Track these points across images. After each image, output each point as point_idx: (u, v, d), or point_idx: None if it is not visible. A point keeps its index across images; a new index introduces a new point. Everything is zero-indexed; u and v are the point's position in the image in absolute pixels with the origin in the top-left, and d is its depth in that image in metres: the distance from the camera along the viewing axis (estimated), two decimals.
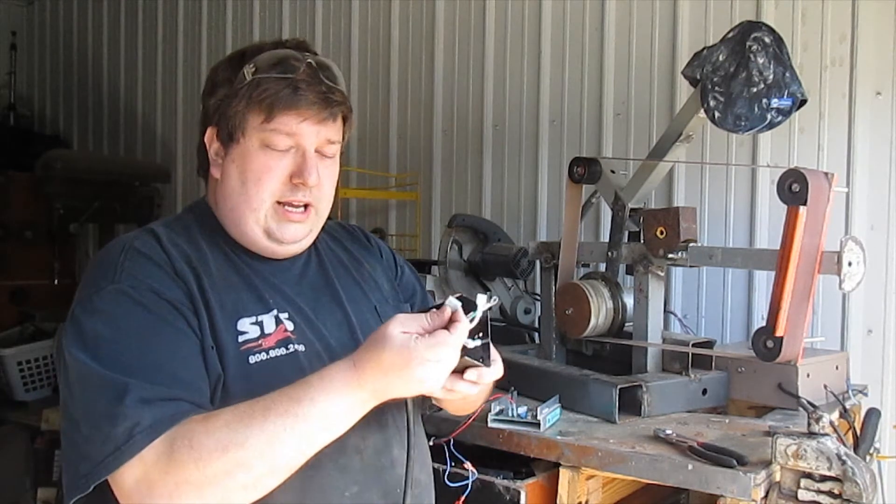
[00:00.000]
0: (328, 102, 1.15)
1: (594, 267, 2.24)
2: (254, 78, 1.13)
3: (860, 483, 1.29)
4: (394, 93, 3.44)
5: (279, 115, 1.13)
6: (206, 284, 1.13)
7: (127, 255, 1.11)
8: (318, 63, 1.16)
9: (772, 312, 1.52)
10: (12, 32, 5.22)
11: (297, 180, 1.16)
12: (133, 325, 1.05)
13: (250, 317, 1.14)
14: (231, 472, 0.94)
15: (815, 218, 1.51)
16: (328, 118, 1.17)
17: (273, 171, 1.16)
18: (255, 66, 1.14)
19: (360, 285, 1.33)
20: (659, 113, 2.68)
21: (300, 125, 1.15)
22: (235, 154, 1.17)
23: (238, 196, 1.18)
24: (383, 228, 3.42)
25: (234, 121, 1.15)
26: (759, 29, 1.62)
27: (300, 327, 1.18)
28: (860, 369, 2.22)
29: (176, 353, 1.05)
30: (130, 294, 1.06)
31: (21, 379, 3.26)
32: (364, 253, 1.40)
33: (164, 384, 1.01)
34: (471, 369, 1.06)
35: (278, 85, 1.13)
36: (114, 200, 4.16)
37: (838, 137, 2.34)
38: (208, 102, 1.20)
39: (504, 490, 1.55)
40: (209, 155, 1.21)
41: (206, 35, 4.26)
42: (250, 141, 1.15)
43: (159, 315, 1.07)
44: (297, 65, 1.14)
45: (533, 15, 3.00)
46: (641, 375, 1.79)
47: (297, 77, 1.13)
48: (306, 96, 1.13)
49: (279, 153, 1.16)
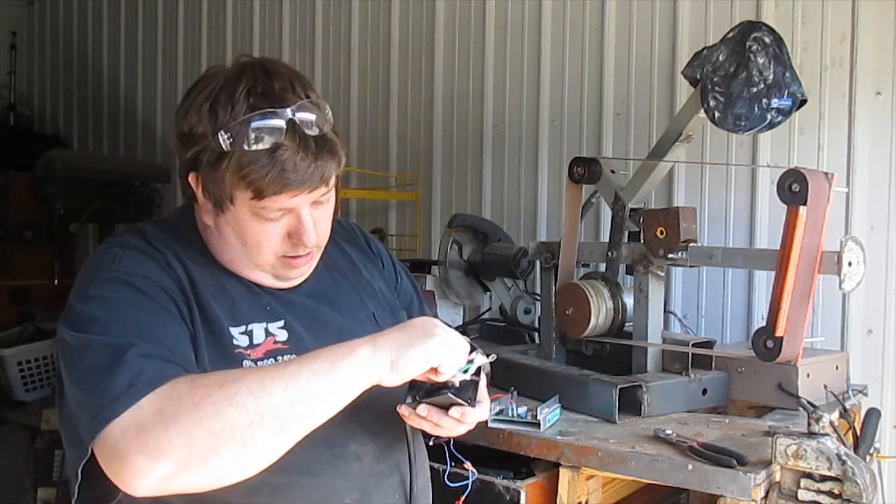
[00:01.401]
0: (319, 174, 1.07)
1: (594, 267, 2.24)
2: (233, 150, 1.04)
3: (860, 483, 1.29)
4: (394, 93, 3.44)
5: (269, 196, 1.06)
6: (199, 286, 1.12)
7: (124, 249, 1.11)
8: (301, 121, 1.05)
9: (772, 312, 1.52)
10: (12, 32, 5.22)
11: (296, 240, 1.13)
12: (128, 304, 1.03)
13: (239, 326, 1.13)
14: (222, 412, 0.89)
15: (815, 218, 1.51)
16: (320, 185, 1.10)
17: (271, 236, 1.12)
18: (230, 136, 1.04)
19: (357, 293, 1.31)
20: (659, 113, 2.68)
21: (291, 200, 1.08)
22: (229, 218, 1.11)
23: (239, 253, 1.15)
24: (383, 228, 3.42)
25: (219, 191, 1.08)
26: (759, 29, 1.62)
27: (295, 335, 1.17)
28: (860, 369, 2.22)
29: (170, 332, 1.04)
30: (125, 279, 1.06)
31: (21, 379, 3.25)
32: (364, 259, 1.38)
33: (166, 348, 1.00)
34: (455, 407, 1.08)
35: (263, 168, 1.03)
36: (114, 200, 4.16)
37: (838, 137, 2.34)
38: (183, 151, 1.11)
39: (504, 490, 1.55)
40: (196, 197, 1.14)
41: (206, 35, 4.26)
42: (240, 211, 1.09)
43: (153, 298, 1.05)
44: (280, 128, 1.04)
45: (533, 15, 3.00)
46: (641, 375, 1.79)
47: (282, 155, 1.03)
48: (296, 177, 1.05)
49: (273, 221, 1.11)
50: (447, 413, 1.09)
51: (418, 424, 1.14)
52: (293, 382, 0.93)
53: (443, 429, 1.12)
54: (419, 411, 1.10)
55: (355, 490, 1.15)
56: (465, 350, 1.06)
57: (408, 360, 0.99)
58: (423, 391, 1.10)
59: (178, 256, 1.13)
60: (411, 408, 1.11)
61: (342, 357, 0.97)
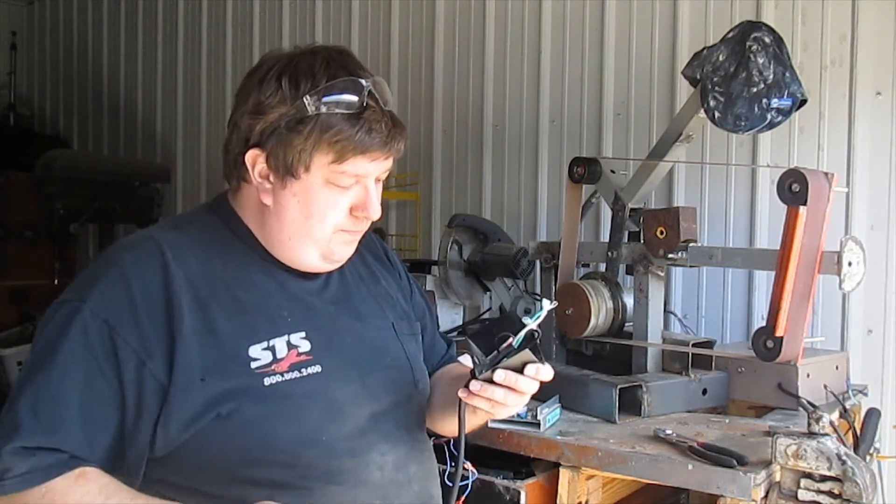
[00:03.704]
0: (395, 140, 1.13)
1: (594, 267, 2.24)
2: (319, 114, 1.08)
3: (860, 483, 1.29)
4: (394, 93, 3.42)
5: (351, 158, 1.10)
6: (213, 309, 1.10)
7: (112, 269, 1.09)
8: (377, 89, 1.12)
9: (772, 312, 1.52)
10: (12, 32, 5.22)
11: (362, 214, 1.15)
12: (67, 355, 1.04)
13: (261, 342, 1.12)
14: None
15: (815, 218, 1.51)
16: (394, 153, 1.15)
17: (338, 207, 1.14)
18: (317, 97, 1.08)
19: (377, 301, 1.32)
20: (659, 113, 2.68)
21: (369, 165, 1.12)
22: (296, 188, 1.12)
23: (299, 228, 1.15)
24: (383, 228, 3.42)
25: (296, 156, 1.09)
26: (759, 29, 1.62)
27: (318, 346, 1.16)
28: (860, 369, 2.22)
29: (88, 398, 1.05)
30: (85, 321, 1.05)
31: None
32: (382, 269, 1.39)
33: (55, 428, 1.02)
34: (530, 364, 1.07)
35: (350, 127, 1.08)
36: (114, 200, 4.16)
37: (838, 137, 2.34)
38: (254, 123, 1.11)
39: (504, 490, 1.55)
40: (252, 176, 1.14)
41: (206, 35, 4.26)
42: (314, 177, 1.11)
43: (96, 355, 1.05)
44: (362, 96, 1.10)
45: (533, 15, 2.99)
46: (641, 375, 1.79)
47: (366, 117, 1.09)
48: (378, 138, 1.10)
49: (343, 189, 1.13)
50: (523, 373, 1.07)
51: (487, 398, 1.10)
52: None
53: (518, 395, 1.10)
54: (497, 377, 1.07)
55: (376, 498, 1.16)
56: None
57: None
58: (487, 364, 1.07)
59: (190, 277, 1.11)
60: (486, 377, 1.07)
61: None
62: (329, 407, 1.12)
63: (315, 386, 1.13)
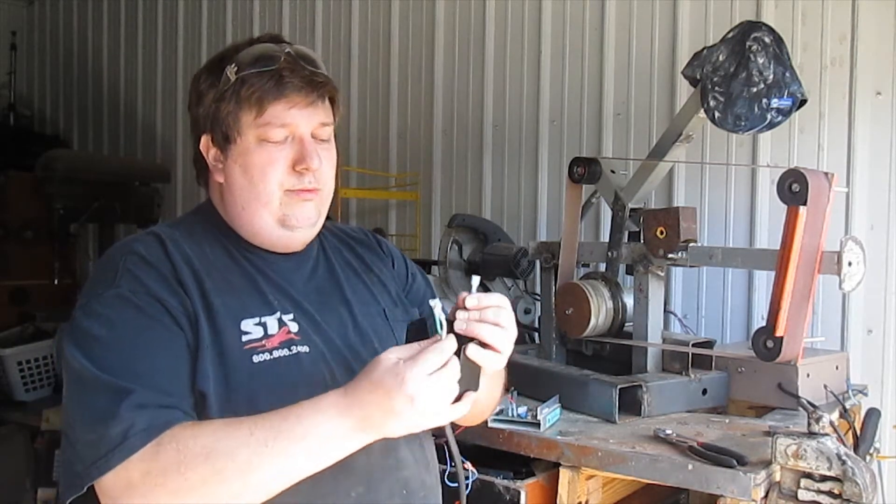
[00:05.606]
0: (314, 85, 1.17)
1: (594, 267, 2.24)
2: (237, 77, 1.15)
3: (860, 483, 1.29)
4: (394, 93, 3.44)
5: (269, 107, 1.14)
6: (207, 287, 1.14)
7: (128, 259, 1.13)
8: (296, 52, 1.18)
9: (772, 312, 1.52)
10: (12, 32, 5.21)
11: (301, 167, 1.17)
12: (131, 328, 1.07)
13: (253, 318, 1.15)
14: (208, 482, 0.95)
15: (815, 218, 1.51)
16: (317, 100, 1.18)
17: (276, 161, 1.17)
18: (236, 66, 1.16)
19: (368, 288, 1.33)
20: (659, 113, 2.68)
21: (290, 112, 1.16)
22: (235, 154, 1.18)
23: (247, 193, 1.19)
24: (383, 228, 3.42)
25: (227, 122, 1.17)
26: (759, 29, 1.62)
27: (305, 329, 1.18)
28: (860, 369, 2.22)
29: (170, 360, 1.07)
30: (129, 298, 1.08)
31: (21, 379, 3.26)
32: (375, 259, 1.40)
33: (160, 391, 1.03)
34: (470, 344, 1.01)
35: (262, 79, 1.14)
36: (114, 200, 4.15)
37: (838, 137, 2.34)
38: (197, 112, 1.21)
39: (504, 490, 1.55)
40: (208, 161, 1.22)
41: (206, 35, 4.26)
42: (247, 139, 1.17)
43: (157, 319, 1.08)
44: (277, 55, 1.16)
45: (533, 15, 3.00)
46: (641, 375, 1.79)
47: (279, 67, 1.15)
48: (292, 83, 1.15)
49: (277, 144, 1.17)
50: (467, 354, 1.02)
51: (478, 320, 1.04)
52: (283, 462, 0.97)
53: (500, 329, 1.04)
54: (469, 303, 1.02)
55: (361, 483, 1.15)
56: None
57: (394, 426, 0.99)
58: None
59: (189, 261, 1.16)
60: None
61: (332, 439, 0.99)
62: (315, 389, 1.10)
63: (302, 367, 1.15)
